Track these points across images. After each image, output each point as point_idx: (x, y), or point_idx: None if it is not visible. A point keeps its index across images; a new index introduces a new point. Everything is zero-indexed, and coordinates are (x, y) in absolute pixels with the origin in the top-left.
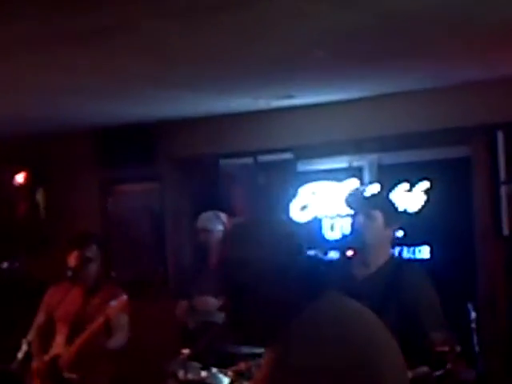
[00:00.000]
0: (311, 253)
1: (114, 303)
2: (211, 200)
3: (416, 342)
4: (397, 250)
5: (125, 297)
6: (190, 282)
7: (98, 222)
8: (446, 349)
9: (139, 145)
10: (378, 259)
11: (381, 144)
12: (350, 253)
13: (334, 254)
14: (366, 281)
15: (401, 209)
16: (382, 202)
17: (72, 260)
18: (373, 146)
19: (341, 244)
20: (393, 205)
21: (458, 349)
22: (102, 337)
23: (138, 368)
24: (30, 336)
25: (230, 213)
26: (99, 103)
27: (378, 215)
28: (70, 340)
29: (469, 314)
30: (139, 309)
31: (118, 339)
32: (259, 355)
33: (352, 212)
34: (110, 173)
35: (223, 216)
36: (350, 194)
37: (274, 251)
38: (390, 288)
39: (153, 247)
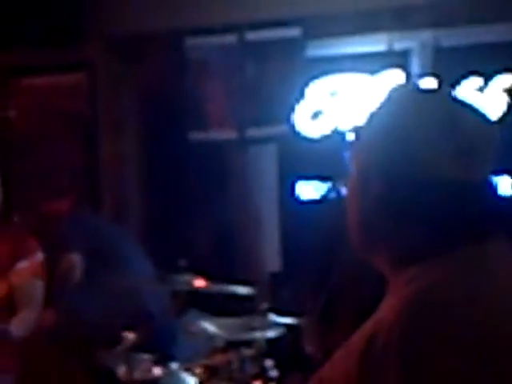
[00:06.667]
0: (326, 185)
1: (21, 264)
2: (172, 102)
3: None
4: None
5: (39, 254)
6: None
7: None
8: None
9: (58, 15)
10: None
11: (438, 15)
12: None
13: None
14: None
15: None
16: None
17: None
18: (425, 18)
19: None
20: None
21: None
22: (2, 316)
23: (55, 362)
24: None
25: (201, 122)
26: None
27: None
28: None
29: None
30: None
31: (26, 319)
32: (244, 343)
33: None
34: (9, 58)
35: None
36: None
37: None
38: None
39: (79, 175)
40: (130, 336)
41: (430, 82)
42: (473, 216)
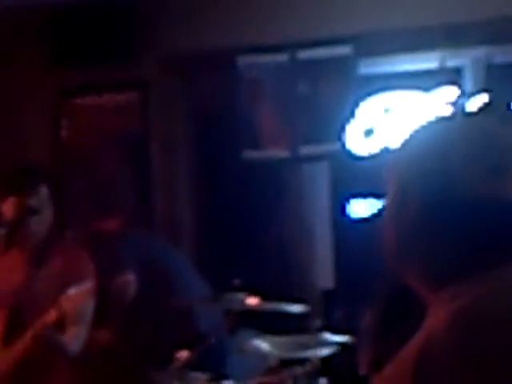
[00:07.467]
0: (379, 203)
1: (73, 290)
2: (224, 120)
3: None
4: None
5: (92, 277)
6: None
7: (47, 152)
8: None
9: (112, 34)
10: None
11: (490, 32)
12: None
13: None
14: None
15: None
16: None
17: (7, 211)
18: (478, 36)
19: None
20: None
21: None
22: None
23: (109, 382)
24: None
25: (255, 141)
26: None
27: None
28: (7, 338)
29: None
30: None
31: (74, 335)
32: (298, 362)
33: None
34: (67, 78)
35: None
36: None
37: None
38: None
39: (132, 191)
40: (184, 355)
41: (482, 99)
42: (509, 235)
